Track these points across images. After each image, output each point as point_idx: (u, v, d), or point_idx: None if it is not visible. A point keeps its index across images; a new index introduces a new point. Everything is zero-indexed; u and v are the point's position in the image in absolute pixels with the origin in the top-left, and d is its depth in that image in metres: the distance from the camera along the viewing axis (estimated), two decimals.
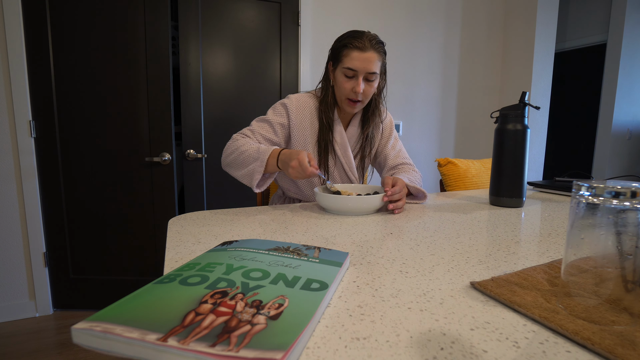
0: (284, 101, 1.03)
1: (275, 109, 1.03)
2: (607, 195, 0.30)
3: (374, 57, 0.92)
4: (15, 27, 1.59)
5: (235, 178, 0.93)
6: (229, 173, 0.95)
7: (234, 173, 0.92)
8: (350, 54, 0.92)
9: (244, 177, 0.89)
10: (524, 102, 0.87)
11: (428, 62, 2.44)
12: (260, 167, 0.85)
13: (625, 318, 0.31)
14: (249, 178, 0.87)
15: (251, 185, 0.87)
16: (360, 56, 0.91)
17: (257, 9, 1.94)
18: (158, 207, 1.84)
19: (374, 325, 0.32)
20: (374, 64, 0.92)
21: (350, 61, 0.92)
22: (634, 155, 3.42)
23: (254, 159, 0.87)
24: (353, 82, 0.94)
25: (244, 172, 0.88)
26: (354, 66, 0.92)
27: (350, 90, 0.95)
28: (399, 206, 0.81)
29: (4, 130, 1.63)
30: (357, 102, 0.97)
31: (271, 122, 1.00)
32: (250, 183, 0.87)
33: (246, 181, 0.88)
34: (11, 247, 1.70)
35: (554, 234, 0.64)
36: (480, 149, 2.74)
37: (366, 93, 0.96)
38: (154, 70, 1.74)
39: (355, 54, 0.91)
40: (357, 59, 0.91)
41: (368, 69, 0.92)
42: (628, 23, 3.02)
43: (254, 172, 0.86)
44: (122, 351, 0.26)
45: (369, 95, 0.98)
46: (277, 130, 1.00)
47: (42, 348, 1.52)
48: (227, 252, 0.44)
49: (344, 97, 0.98)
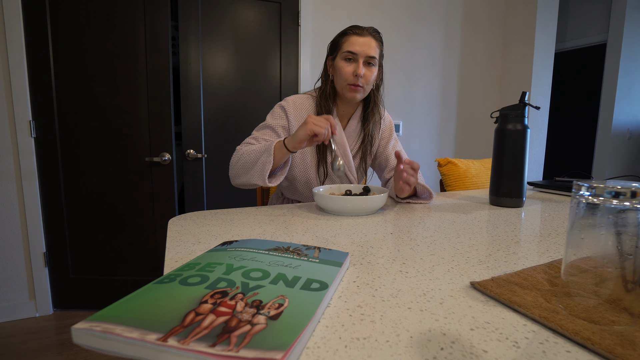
0: (281, 104, 1.03)
1: (273, 113, 1.03)
2: (607, 195, 0.30)
3: (373, 43, 0.96)
4: (15, 27, 1.59)
5: (248, 186, 0.91)
6: (239, 184, 0.93)
7: (244, 177, 0.90)
8: (349, 39, 0.96)
9: (255, 175, 0.86)
10: (524, 102, 0.87)
11: (428, 62, 2.44)
12: (268, 157, 0.84)
13: (625, 318, 0.31)
14: (260, 173, 0.85)
15: (263, 179, 0.85)
16: (359, 40, 0.95)
17: (257, 9, 1.94)
18: (158, 207, 1.84)
19: (374, 325, 0.32)
20: (373, 49, 0.95)
21: (350, 45, 0.95)
22: (634, 155, 3.42)
23: (261, 153, 0.86)
24: (354, 65, 0.95)
25: (254, 170, 0.87)
26: (354, 49, 0.94)
27: (351, 74, 0.95)
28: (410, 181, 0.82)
29: (4, 130, 1.63)
30: (359, 87, 0.97)
31: (272, 126, 1.00)
32: (262, 178, 0.85)
33: (258, 178, 0.86)
34: (11, 247, 1.70)
35: (554, 234, 0.64)
36: (480, 149, 2.74)
37: (367, 78, 0.97)
38: (154, 70, 1.74)
39: (354, 38, 0.95)
40: (356, 43, 0.94)
41: (367, 53, 0.94)
42: (628, 23, 3.02)
43: (264, 164, 0.85)
44: (122, 351, 0.26)
45: (369, 82, 0.98)
46: (280, 134, 1.00)
47: (42, 348, 1.52)
48: (227, 252, 0.44)
49: (345, 83, 0.97)
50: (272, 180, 0.87)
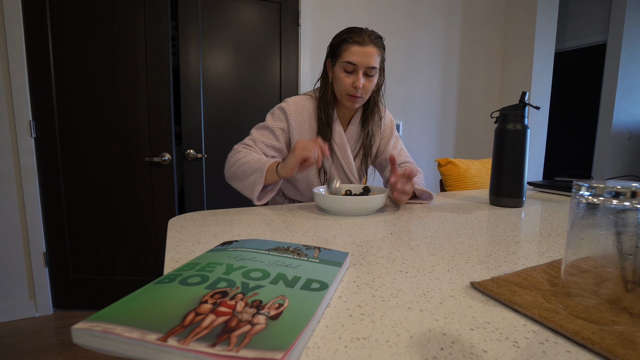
0: (281, 105, 1.02)
1: (273, 114, 1.02)
2: (607, 195, 0.30)
3: (374, 52, 0.92)
4: (15, 27, 1.59)
5: (239, 191, 0.92)
6: (232, 186, 0.94)
7: (237, 185, 0.91)
8: (349, 49, 0.92)
9: (246, 189, 0.88)
10: (524, 102, 0.87)
11: (428, 62, 2.44)
12: (260, 178, 0.85)
13: (625, 318, 0.31)
14: (250, 190, 0.87)
15: (252, 197, 0.86)
16: (360, 50, 0.91)
17: (257, 9, 1.94)
18: (158, 207, 1.84)
19: (374, 325, 0.32)
20: (373, 58, 0.93)
21: (350, 55, 0.92)
22: (634, 155, 3.42)
23: (254, 170, 0.87)
24: (353, 77, 0.94)
25: (246, 184, 0.88)
26: (354, 60, 0.92)
27: (350, 85, 0.95)
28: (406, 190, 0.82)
29: (4, 130, 1.63)
30: (357, 97, 0.97)
31: (271, 128, 0.99)
32: (252, 195, 0.87)
33: (248, 193, 0.88)
34: (11, 247, 1.70)
35: (554, 234, 0.64)
36: (480, 149, 2.74)
37: (366, 88, 0.96)
38: (154, 70, 1.74)
39: (355, 48, 0.91)
40: (356, 54, 0.91)
41: (368, 64, 0.92)
42: (628, 23, 3.02)
43: (255, 183, 0.86)
44: (122, 351, 0.26)
45: (368, 91, 0.97)
46: (278, 136, 0.99)
47: (42, 348, 1.52)
48: (227, 252, 0.44)
49: (344, 93, 0.97)
50: (261, 197, 0.88)
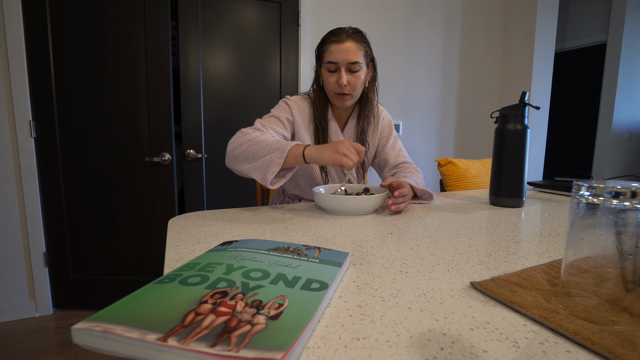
0: (285, 100, 1.04)
1: (279, 106, 1.03)
2: (607, 195, 0.30)
3: (352, 47, 0.93)
4: (15, 27, 1.59)
5: (242, 173, 0.84)
6: (234, 168, 0.85)
7: (243, 166, 0.82)
8: (329, 49, 0.95)
9: (256, 169, 0.79)
10: (524, 102, 0.87)
11: (428, 62, 2.44)
12: (279, 159, 0.77)
13: (625, 318, 0.31)
14: (263, 171, 0.78)
15: (264, 178, 0.78)
16: (338, 48, 0.93)
17: (257, 9, 1.94)
18: (158, 207, 1.84)
19: (374, 325, 0.32)
20: (353, 53, 0.93)
21: (330, 55, 0.94)
22: (634, 155, 3.42)
23: (272, 150, 0.79)
24: (336, 75, 0.95)
25: (257, 164, 0.80)
26: (334, 59, 0.94)
27: (335, 84, 0.96)
28: (400, 208, 0.79)
29: (4, 130, 1.63)
30: (346, 94, 0.97)
31: (279, 117, 0.99)
32: (263, 176, 0.78)
33: (258, 174, 0.79)
34: (11, 247, 1.70)
35: (554, 234, 0.64)
36: (480, 149, 2.74)
37: (352, 84, 0.96)
38: (154, 70, 1.74)
39: (333, 47, 0.94)
40: (335, 52, 0.93)
41: (348, 59, 0.93)
42: (628, 23, 3.02)
43: (270, 163, 0.78)
44: (122, 351, 0.26)
45: (355, 87, 0.97)
46: (286, 126, 0.99)
47: (42, 348, 1.52)
48: (227, 252, 0.44)
49: (332, 93, 0.98)
50: (274, 182, 0.80)
